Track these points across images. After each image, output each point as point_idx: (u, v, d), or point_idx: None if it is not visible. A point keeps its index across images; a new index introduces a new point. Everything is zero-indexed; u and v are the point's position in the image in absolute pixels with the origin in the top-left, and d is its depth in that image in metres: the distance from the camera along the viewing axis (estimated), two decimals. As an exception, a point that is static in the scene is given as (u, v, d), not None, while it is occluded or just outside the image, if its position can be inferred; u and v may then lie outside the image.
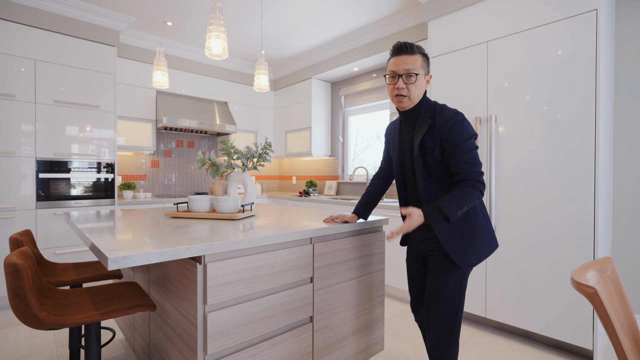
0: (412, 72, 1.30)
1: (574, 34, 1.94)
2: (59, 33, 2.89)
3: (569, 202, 1.96)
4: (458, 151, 1.27)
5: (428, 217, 1.25)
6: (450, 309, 1.34)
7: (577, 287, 0.84)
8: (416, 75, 1.31)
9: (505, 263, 2.21)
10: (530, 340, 2.19)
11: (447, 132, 1.28)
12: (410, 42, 1.63)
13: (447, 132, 1.28)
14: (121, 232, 1.38)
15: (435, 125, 1.31)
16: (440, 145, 1.30)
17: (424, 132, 1.33)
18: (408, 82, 1.31)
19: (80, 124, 2.98)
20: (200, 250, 1.12)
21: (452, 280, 1.34)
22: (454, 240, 1.32)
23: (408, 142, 1.42)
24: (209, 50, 1.58)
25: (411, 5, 2.97)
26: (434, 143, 1.31)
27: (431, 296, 1.37)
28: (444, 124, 1.29)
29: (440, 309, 1.35)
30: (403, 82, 1.32)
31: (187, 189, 4.22)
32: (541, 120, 2.07)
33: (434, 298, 1.37)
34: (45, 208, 2.81)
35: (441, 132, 1.29)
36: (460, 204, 1.24)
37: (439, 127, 1.30)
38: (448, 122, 1.29)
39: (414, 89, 1.32)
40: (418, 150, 1.34)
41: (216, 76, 4.17)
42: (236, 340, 1.21)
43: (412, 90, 1.32)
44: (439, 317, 1.35)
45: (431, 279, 1.38)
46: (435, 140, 1.30)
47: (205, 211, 1.85)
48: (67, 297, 1.38)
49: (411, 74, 1.30)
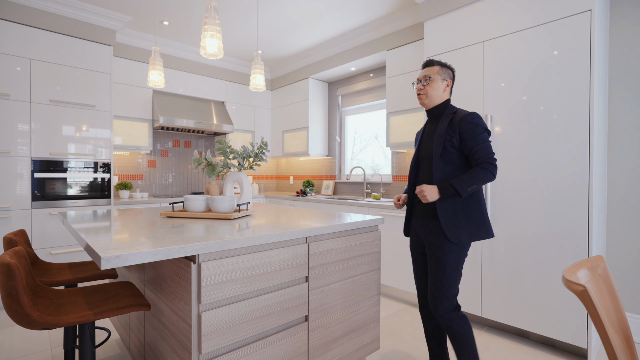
0: (428, 77, 1.66)
1: (568, 34, 1.96)
2: (55, 32, 2.88)
3: (564, 202, 1.97)
4: (474, 141, 1.53)
5: (442, 191, 1.51)
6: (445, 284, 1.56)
7: (567, 285, 0.85)
8: (429, 79, 1.65)
9: (501, 262, 2.22)
10: (526, 339, 2.20)
11: (465, 125, 1.54)
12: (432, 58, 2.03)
13: (465, 125, 1.54)
14: (116, 232, 1.37)
15: (454, 119, 1.59)
16: (459, 134, 1.56)
17: (447, 124, 1.60)
18: (425, 84, 1.66)
19: (76, 124, 2.97)
20: (195, 249, 1.12)
21: (448, 257, 1.55)
22: (451, 218, 1.54)
23: (428, 135, 1.69)
24: (204, 50, 1.58)
25: (407, 6, 2.98)
26: (453, 132, 1.57)
27: (432, 273, 1.59)
28: (462, 118, 1.56)
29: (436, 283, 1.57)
30: (422, 85, 1.68)
31: (184, 189, 4.22)
32: (537, 120, 2.08)
33: (432, 274, 1.59)
34: (40, 208, 2.80)
35: (460, 125, 1.56)
36: (472, 182, 1.48)
37: (457, 121, 1.57)
38: (466, 117, 1.56)
39: (430, 89, 1.65)
40: (441, 138, 1.58)
41: (213, 76, 4.17)
42: (231, 339, 1.22)
43: (428, 90, 1.66)
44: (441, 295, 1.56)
45: (431, 259, 1.61)
46: (455, 130, 1.57)
47: (201, 211, 1.85)
48: (61, 297, 1.38)
49: (427, 77, 1.66)
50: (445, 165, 1.57)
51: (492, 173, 1.50)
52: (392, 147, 3.26)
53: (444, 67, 1.68)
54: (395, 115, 3.22)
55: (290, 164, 4.96)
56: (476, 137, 1.53)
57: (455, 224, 1.54)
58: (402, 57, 3.16)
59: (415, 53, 3.05)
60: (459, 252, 1.55)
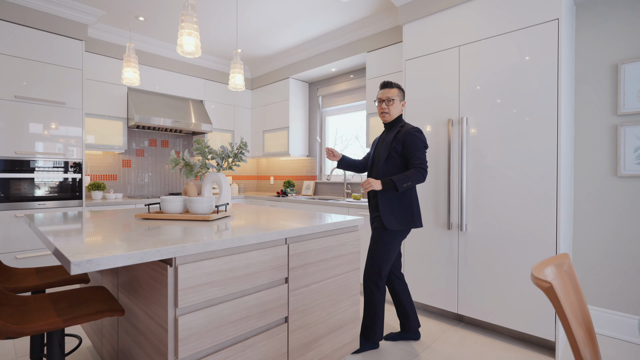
0: (391, 98, 2.06)
1: (538, 41, 2.05)
2: (21, 25, 2.73)
3: (534, 202, 2.06)
4: (413, 150, 1.96)
5: (384, 184, 1.93)
6: (377, 261, 2.00)
7: (535, 281, 0.89)
8: (392, 100, 2.06)
9: (476, 260, 2.29)
10: (499, 334, 2.29)
11: (408, 137, 1.98)
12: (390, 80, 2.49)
13: (409, 136, 1.98)
14: (87, 235, 1.32)
15: (401, 131, 2.03)
16: (402, 143, 1.99)
17: (394, 135, 2.03)
18: (388, 105, 2.07)
19: (44, 121, 2.83)
20: (171, 252, 1.09)
21: (382, 239, 2.01)
22: (388, 209, 1.99)
23: (381, 142, 2.13)
24: (181, 48, 1.54)
25: (387, 8, 3.03)
26: (398, 142, 2.01)
27: (369, 252, 2.05)
28: (407, 131, 2.00)
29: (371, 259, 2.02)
30: (385, 105, 2.07)
31: (160, 190, 4.10)
32: (509, 122, 2.16)
33: (369, 252, 2.05)
34: (5, 210, 2.66)
35: (405, 136, 1.99)
36: (407, 180, 1.90)
37: (403, 133, 2.01)
38: (411, 131, 2.00)
39: (392, 109, 2.08)
40: (388, 145, 2.02)
41: (191, 74, 4.08)
42: (209, 343, 1.20)
43: (391, 110, 2.08)
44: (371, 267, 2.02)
45: (370, 241, 2.08)
46: (399, 140, 2.01)
47: (178, 212, 1.81)
48: (26, 304, 1.31)
49: (390, 99, 2.06)
50: (388, 167, 2.02)
51: (423, 176, 1.93)
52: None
53: (400, 89, 2.09)
54: (375, 116, 3.26)
55: (270, 164, 4.92)
56: (415, 147, 1.95)
57: (390, 214, 1.98)
58: (382, 59, 3.20)
59: (395, 55, 3.10)
60: (391, 237, 1.99)
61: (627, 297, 2.20)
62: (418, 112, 2.62)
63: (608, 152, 2.27)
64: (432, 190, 2.53)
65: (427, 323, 2.45)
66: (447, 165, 2.44)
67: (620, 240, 2.23)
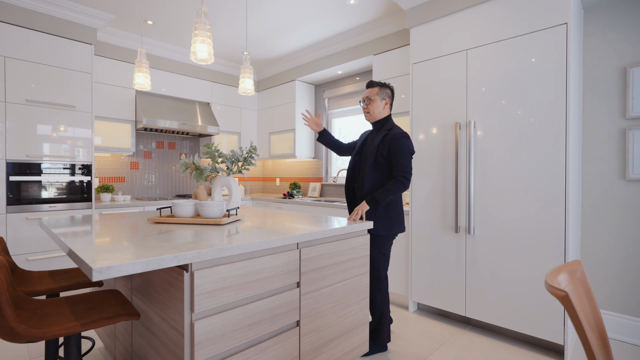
0: (369, 98, 2.07)
1: (547, 45, 2.05)
2: (32, 29, 2.77)
3: (542, 204, 2.06)
4: (398, 157, 1.93)
5: (369, 202, 1.93)
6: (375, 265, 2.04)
7: (550, 289, 0.90)
8: (370, 100, 2.06)
9: (483, 263, 2.30)
10: (508, 337, 2.29)
11: (394, 142, 1.94)
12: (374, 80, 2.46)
13: (395, 141, 1.93)
14: (103, 240, 1.34)
15: (387, 135, 1.99)
16: (388, 148, 1.96)
17: (380, 139, 2.00)
18: (368, 104, 2.08)
19: (54, 124, 2.87)
20: (188, 258, 1.11)
21: (373, 245, 2.04)
22: (376, 215, 2.00)
23: (370, 142, 2.11)
24: (195, 55, 1.56)
25: (394, 12, 3.03)
26: (384, 146, 1.98)
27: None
28: (394, 136, 1.96)
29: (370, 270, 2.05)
30: (365, 104, 2.09)
31: (168, 191, 4.14)
32: (516, 126, 2.17)
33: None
34: (16, 212, 2.69)
35: (391, 141, 1.95)
36: (388, 193, 1.90)
37: (390, 137, 1.97)
38: (397, 136, 1.95)
39: (372, 108, 2.07)
40: (374, 149, 2.00)
41: (198, 76, 4.11)
42: (223, 347, 1.21)
43: (370, 109, 2.07)
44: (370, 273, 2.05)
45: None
46: (386, 145, 1.97)
47: (190, 216, 1.83)
48: (44, 308, 1.34)
49: (368, 99, 2.07)
50: (375, 172, 2.00)
51: (405, 185, 1.91)
52: (379, 151, 3.31)
53: (383, 87, 2.06)
54: (382, 119, 3.27)
55: (276, 166, 4.94)
56: (401, 153, 1.92)
57: (376, 221, 2.00)
58: (388, 61, 3.21)
59: (402, 58, 3.10)
60: (380, 242, 2.02)
61: (638, 301, 2.20)
62: (425, 116, 2.62)
63: (616, 155, 2.27)
64: (440, 194, 2.53)
65: (435, 326, 2.45)
66: (454, 168, 2.44)
67: (629, 244, 2.22)
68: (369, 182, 1.99)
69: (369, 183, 1.99)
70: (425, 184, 2.62)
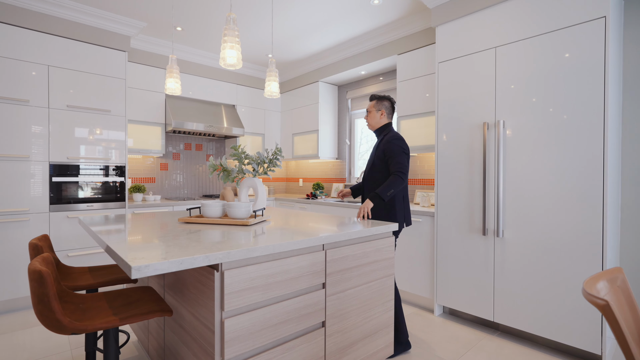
0: (368, 110, 2.30)
1: (583, 40, 1.95)
2: (71, 39, 2.94)
3: (577, 207, 1.97)
4: (393, 157, 2.10)
5: (372, 200, 2.06)
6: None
7: (588, 298, 0.86)
8: (369, 112, 2.28)
9: (513, 267, 2.22)
10: (538, 344, 2.20)
11: (388, 145, 2.13)
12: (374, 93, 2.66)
13: (388, 145, 2.13)
14: (138, 238, 1.41)
15: (383, 140, 2.19)
16: (383, 151, 2.15)
17: (378, 144, 2.23)
18: (366, 116, 2.31)
19: (91, 128, 3.03)
20: (218, 258, 1.15)
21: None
22: (380, 211, 2.15)
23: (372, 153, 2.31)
24: (224, 61, 1.61)
25: (419, 10, 2.99)
26: (380, 150, 2.17)
27: None
28: (387, 140, 2.16)
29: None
30: (365, 117, 2.32)
31: (194, 191, 4.27)
32: (548, 124, 2.08)
33: None
34: (57, 211, 2.87)
35: (386, 144, 2.15)
36: (389, 188, 2.03)
37: (384, 142, 2.17)
38: (390, 139, 2.15)
39: (369, 120, 2.29)
40: (373, 154, 2.25)
41: (224, 79, 4.22)
42: (251, 345, 1.25)
43: (368, 120, 2.30)
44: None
45: None
46: (381, 149, 2.17)
47: (218, 216, 1.88)
48: (85, 302, 1.42)
49: (367, 111, 2.30)
50: (374, 174, 2.19)
51: (403, 179, 2.05)
52: (403, 151, 3.27)
53: (380, 100, 2.26)
54: (406, 119, 3.23)
55: (299, 167, 4.99)
56: (394, 153, 2.09)
57: (381, 215, 2.14)
58: (413, 61, 3.17)
59: (426, 57, 3.05)
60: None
61: (683, 311, 2.05)
62: (451, 115, 2.57)
63: (661, 155, 2.12)
64: (466, 196, 2.47)
65: (461, 330, 2.40)
66: (482, 169, 2.38)
67: (675, 250, 2.08)
68: (370, 184, 2.22)
69: (370, 184, 2.22)
70: (451, 185, 2.56)
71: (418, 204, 3.29)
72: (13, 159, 2.68)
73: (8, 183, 2.65)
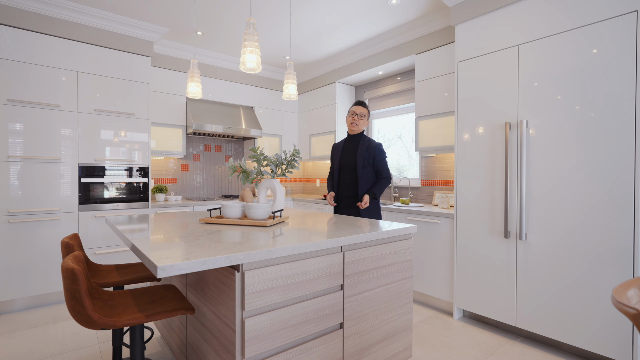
0: (363, 114, 2.63)
1: (612, 36, 1.88)
2: (99, 45, 3.06)
3: (606, 209, 1.89)
4: (382, 163, 2.58)
5: (371, 196, 2.51)
6: None
7: (618, 306, 0.83)
8: (363, 116, 2.62)
9: (537, 271, 2.16)
10: (563, 351, 2.13)
11: (377, 152, 2.57)
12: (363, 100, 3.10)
13: (377, 152, 2.58)
14: (162, 237, 1.46)
15: (370, 146, 2.58)
16: (373, 156, 2.56)
17: (365, 148, 2.58)
18: (360, 119, 2.62)
19: (116, 131, 3.15)
20: (239, 259, 1.17)
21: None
22: (370, 213, 2.56)
23: (350, 153, 2.64)
24: (244, 65, 1.64)
25: (437, 9, 2.94)
26: (369, 154, 2.57)
27: None
28: (376, 146, 2.59)
29: None
30: (357, 118, 2.62)
31: (213, 191, 4.36)
32: (574, 122, 2.01)
33: None
34: (85, 211, 3.00)
35: (375, 151, 2.57)
36: (381, 190, 2.56)
37: (372, 148, 2.57)
38: (378, 147, 2.60)
39: (361, 123, 2.63)
40: (362, 157, 2.56)
41: (242, 82, 4.29)
42: (271, 345, 1.27)
43: (360, 124, 2.62)
44: None
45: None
46: (371, 153, 2.57)
47: (237, 217, 1.92)
48: (113, 299, 1.48)
49: (362, 115, 2.62)
50: (366, 174, 2.55)
51: (390, 181, 2.59)
52: (421, 152, 3.23)
53: (367, 109, 2.66)
54: (425, 119, 3.19)
55: (316, 167, 5.01)
56: (384, 160, 2.58)
57: (368, 214, 2.55)
58: (431, 60, 3.12)
59: (446, 57, 3.01)
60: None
61: None
62: (471, 115, 2.52)
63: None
64: (487, 198, 2.42)
65: (482, 335, 2.35)
66: (504, 170, 2.32)
67: None
68: (365, 181, 2.57)
69: (365, 181, 2.57)
70: (471, 186, 2.52)
71: (437, 205, 3.24)
72: (46, 161, 2.82)
73: (41, 184, 2.80)
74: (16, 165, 2.71)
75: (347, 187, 2.63)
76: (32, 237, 2.77)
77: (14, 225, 2.70)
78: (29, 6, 2.74)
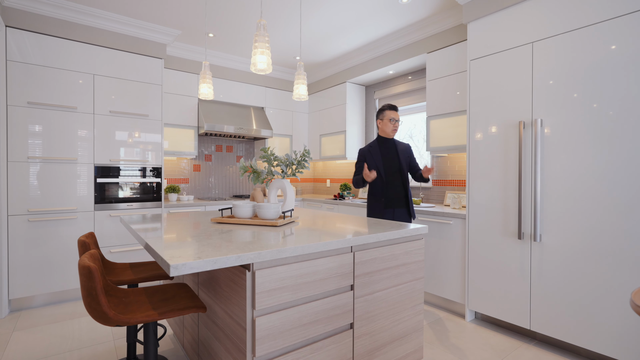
0: (399, 121, 2.72)
1: (632, 31, 1.82)
2: (114, 49, 3.13)
3: (625, 210, 1.84)
4: (415, 161, 2.77)
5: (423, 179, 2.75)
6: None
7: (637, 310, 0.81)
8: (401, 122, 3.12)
9: (552, 273, 2.11)
10: (580, 356, 2.08)
11: (411, 152, 2.79)
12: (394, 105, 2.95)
13: (411, 152, 2.79)
14: (175, 237, 1.49)
15: (406, 149, 2.77)
16: (409, 157, 2.76)
17: (403, 151, 2.74)
18: (398, 125, 2.71)
19: (131, 132, 3.22)
20: (250, 258, 1.19)
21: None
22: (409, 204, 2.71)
23: (392, 156, 2.71)
24: (255, 66, 1.66)
25: (449, 7, 2.91)
26: (406, 155, 2.74)
27: None
28: (409, 148, 2.79)
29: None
30: (398, 123, 2.71)
31: (224, 191, 4.41)
32: (591, 121, 1.96)
33: None
34: (101, 210, 3.07)
35: (409, 151, 2.78)
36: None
37: (408, 149, 2.77)
38: (410, 148, 2.80)
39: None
40: (405, 158, 2.72)
41: (253, 83, 4.32)
42: (281, 344, 1.28)
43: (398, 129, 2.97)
44: None
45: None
46: (407, 154, 2.75)
47: (248, 217, 1.94)
48: (127, 296, 1.52)
49: (399, 121, 2.72)
50: (407, 173, 2.71)
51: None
52: (433, 152, 3.20)
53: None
54: (436, 118, 3.16)
55: (327, 167, 5.01)
56: (415, 159, 2.78)
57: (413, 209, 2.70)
58: (443, 59, 3.09)
59: (457, 55, 2.97)
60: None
61: None
62: (483, 114, 2.48)
63: None
64: (500, 198, 2.38)
65: (495, 337, 2.31)
66: (517, 170, 2.28)
67: None
68: (408, 179, 2.72)
69: (408, 180, 2.72)
70: (484, 186, 2.48)
71: (448, 206, 3.21)
72: (63, 162, 2.90)
73: (59, 184, 2.88)
74: (35, 165, 2.79)
75: (396, 188, 2.67)
76: (51, 235, 2.85)
77: (33, 224, 2.78)
78: (50, 12, 2.82)
